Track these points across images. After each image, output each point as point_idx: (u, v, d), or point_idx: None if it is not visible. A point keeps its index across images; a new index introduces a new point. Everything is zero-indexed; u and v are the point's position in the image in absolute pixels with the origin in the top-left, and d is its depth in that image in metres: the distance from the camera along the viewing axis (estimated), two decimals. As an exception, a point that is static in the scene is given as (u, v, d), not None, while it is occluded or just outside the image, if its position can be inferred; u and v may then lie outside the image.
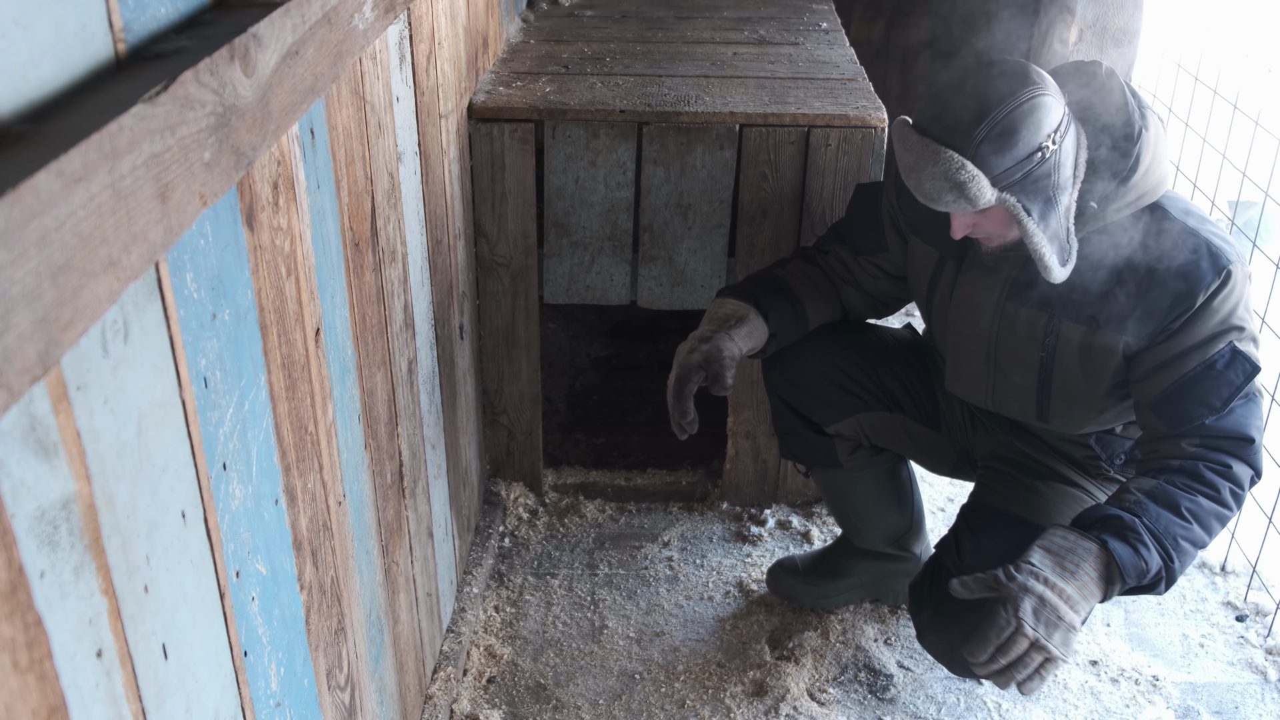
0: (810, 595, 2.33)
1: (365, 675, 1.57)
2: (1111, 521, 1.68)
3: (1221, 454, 1.74)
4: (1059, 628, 1.62)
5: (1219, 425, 1.73)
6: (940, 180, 1.63)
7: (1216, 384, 1.72)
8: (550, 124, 2.29)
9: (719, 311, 1.99)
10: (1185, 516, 1.68)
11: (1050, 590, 1.63)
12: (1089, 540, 1.66)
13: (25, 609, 0.71)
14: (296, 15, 1.10)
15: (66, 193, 0.69)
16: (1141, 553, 1.64)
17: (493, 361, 2.51)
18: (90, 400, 0.80)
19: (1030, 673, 1.64)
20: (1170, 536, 1.66)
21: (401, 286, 1.73)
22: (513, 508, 2.62)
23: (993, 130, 1.61)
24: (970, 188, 1.62)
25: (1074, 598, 1.63)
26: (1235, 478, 1.73)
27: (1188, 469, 1.73)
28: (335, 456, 1.40)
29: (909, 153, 1.66)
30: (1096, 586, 1.64)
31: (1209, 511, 1.71)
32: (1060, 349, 1.83)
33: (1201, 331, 1.72)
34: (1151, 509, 1.68)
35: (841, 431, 2.14)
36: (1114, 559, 1.64)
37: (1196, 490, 1.71)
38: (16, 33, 0.73)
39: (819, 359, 2.11)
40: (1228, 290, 1.71)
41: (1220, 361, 1.72)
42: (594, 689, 2.16)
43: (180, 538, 0.96)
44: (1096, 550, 1.65)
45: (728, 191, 2.34)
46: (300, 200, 1.24)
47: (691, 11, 3.11)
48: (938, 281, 1.96)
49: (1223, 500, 1.72)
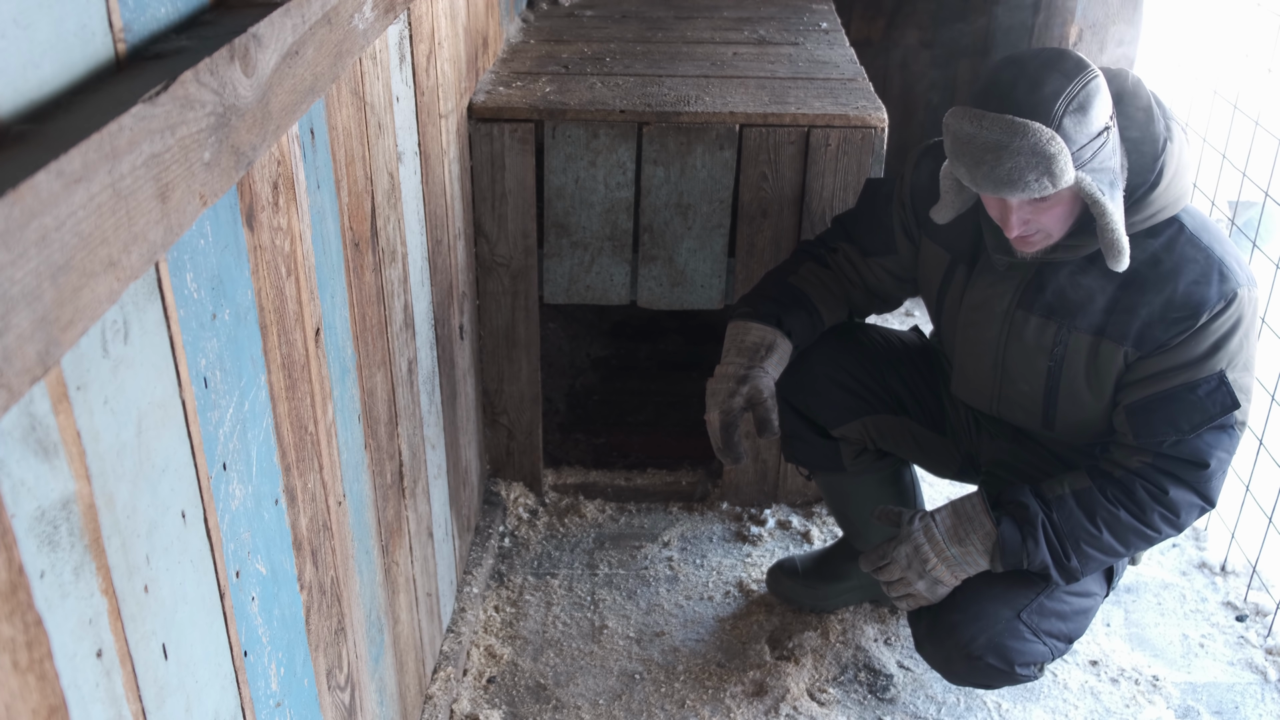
0: (810, 597, 2.33)
1: (365, 675, 1.57)
2: (1019, 507, 1.81)
3: (1165, 477, 1.76)
4: (924, 578, 1.85)
5: (1177, 449, 1.74)
6: (1026, 157, 1.55)
7: (1192, 408, 1.72)
8: (550, 124, 2.29)
9: (745, 340, 1.95)
10: (1097, 525, 1.78)
11: (931, 548, 1.84)
12: (988, 519, 1.81)
13: (25, 609, 0.71)
14: (296, 15, 1.10)
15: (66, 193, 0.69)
16: (1028, 545, 1.79)
17: (493, 361, 2.51)
18: (90, 400, 0.80)
19: (899, 595, 1.89)
20: (1073, 538, 1.78)
21: (401, 286, 1.73)
22: (513, 508, 2.62)
23: (1070, 104, 1.57)
24: (1058, 162, 1.55)
25: (953, 560, 1.83)
26: (1170, 503, 1.76)
27: (1123, 483, 1.78)
28: (335, 456, 1.40)
29: (988, 131, 1.57)
30: (982, 557, 1.82)
31: (1126, 526, 1.78)
32: (1068, 358, 1.82)
33: (1195, 351, 1.71)
34: (1068, 507, 1.79)
35: (847, 435, 2.13)
36: (1001, 540, 1.80)
37: (1120, 504, 1.78)
38: (16, 33, 0.73)
39: (825, 362, 2.09)
40: (1230, 313, 1.69)
41: (1204, 387, 1.71)
42: (594, 689, 2.16)
43: (180, 538, 0.96)
44: (989, 529, 1.81)
45: (728, 191, 2.34)
46: (300, 200, 1.24)
47: (691, 11, 3.11)
48: (949, 285, 1.95)
49: (1147, 521, 1.77)
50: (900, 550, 1.86)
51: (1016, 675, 1.89)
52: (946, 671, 1.94)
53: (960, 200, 1.81)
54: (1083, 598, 1.91)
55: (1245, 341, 1.72)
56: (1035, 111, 1.56)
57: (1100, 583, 1.95)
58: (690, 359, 3.23)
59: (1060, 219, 1.68)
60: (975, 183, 1.63)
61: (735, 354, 1.95)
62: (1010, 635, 1.85)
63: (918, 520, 1.86)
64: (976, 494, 1.85)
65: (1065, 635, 1.90)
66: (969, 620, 1.86)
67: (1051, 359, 1.84)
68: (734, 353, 1.95)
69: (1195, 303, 1.70)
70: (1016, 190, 1.59)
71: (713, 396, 1.93)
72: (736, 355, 1.94)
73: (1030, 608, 1.86)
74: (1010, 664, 1.86)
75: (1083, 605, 1.91)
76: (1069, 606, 1.89)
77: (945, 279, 1.95)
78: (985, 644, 1.85)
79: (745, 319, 1.98)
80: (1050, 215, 1.67)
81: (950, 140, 1.64)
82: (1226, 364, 1.71)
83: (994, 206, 1.71)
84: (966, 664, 1.88)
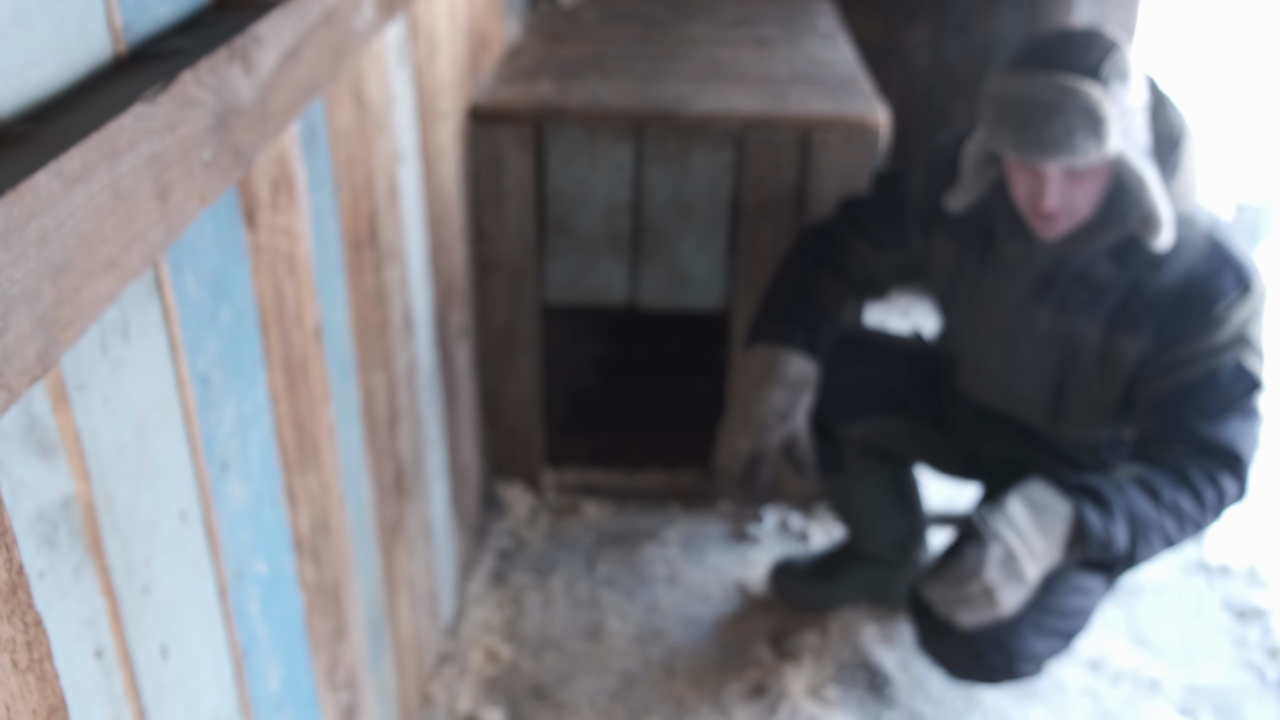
0: (810, 596, 2.33)
1: (365, 675, 1.57)
2: (1090, 491, 1.68)
3: (1210, 461, 1.73)
4: (1016, 580, 1.65)
5: (1210, 435, 1.72)
6: (1076, 116, 1.54)
7: (1216, 394, 1.72)
8: (550, 124, 2.29)
9: (788, 373, 1.88)
10: (1161, 510, 1.68)
11: (1020, 542, 1.64)
12: (1065, 502, 1.66)
13: (25, 609, 0.71)
14: (296, 15, 1.10)
15: (66, 193, 0.69)
16: (1110, 528, 1.64)
17: (493, 361, 2.51)
18: (90, 400, 0.80)
19: (971, 612, 1.67)
20: (1141, 523, 1.67)
21: (401, 286, 1.73)
22: (513, 508, 2.62)
23: (1114, 68, 1.58)
24: (1108, 124, 1.54)
25: (1039, 554, 1.65)
26: (1221, 488, 1.72)
27: (1176, 467, 1.73)
28: (335, 456, 1.40)
29: (1040, 91, 1.55)
30: (1060, 549, 1.66)
31: (1186, 513, 1.71)
32: (1080, 351, 1.82)
33: (1214, 340, 1.72)
34: (1131, 492, 1.69)
35: (850, 435, 2.14)
36: (1085, 525, 1.64)
37: (1180, 489, 1.71)
38: (16, 33, 0.73)
39: (829, 363, 2.09)
40: (1246, 303, 1.71)
41: (1224, 373, 1.71)
42: (594, 689, 2.16)
43: (180, 538, 0.96)
44: (1069, 513, 1.66)
45: (727, 192, 2.34)
46: (300, 200, 1.24)
47: (691, 11, 3.11)
48: (959, 280, 1.95)
49: (1203, 504, 1.71)
50: (991, 555, 1.63)
51: (1018, 672, 1.89)
52: (949, 669, 1.94)
53: (980, 183, 1.80)
54: (1084, 596, 1.91)
55: (1260, 329, 1.73)
56: (1083, 74, 1.56)
57: (1101, 581, 1.94)
58: (690, 359, 3.23)
59: (1091, 196, 1.67)
60: (1020, 147, 1.60)
61: (775, 384, 1.87)
62: (1012, 632, 1.84)
63: (994, 519, 1.66)
64: (1041, 479, 1.71)
65: (1066, 633, 1.90)
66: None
67: (1063, 351, 1.84)
68: (773, 383, 1.88)
69: (1213, 292, 1.70)
70: (1063, 152, 1.57)
71: (746, 424, 1.86)
72: (778, 388, 1.87)
73: (1032, 604, 1.85)
74: (1012, 661, 1.86)
75: (1084, 604, 1.91)
76: (1070, 604, 1.89)
77: (955, 273, 1.95)
78: (987, 641, 1.84)
79: (782, 344, 1.92)
80: (1083, 190, 1.66)
81: (994, 106, 1.62)
82: (1244, 351, 1.71)
83: (1025, 182, 1.68)
84: (968, 661, 1.88)
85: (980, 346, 1.95)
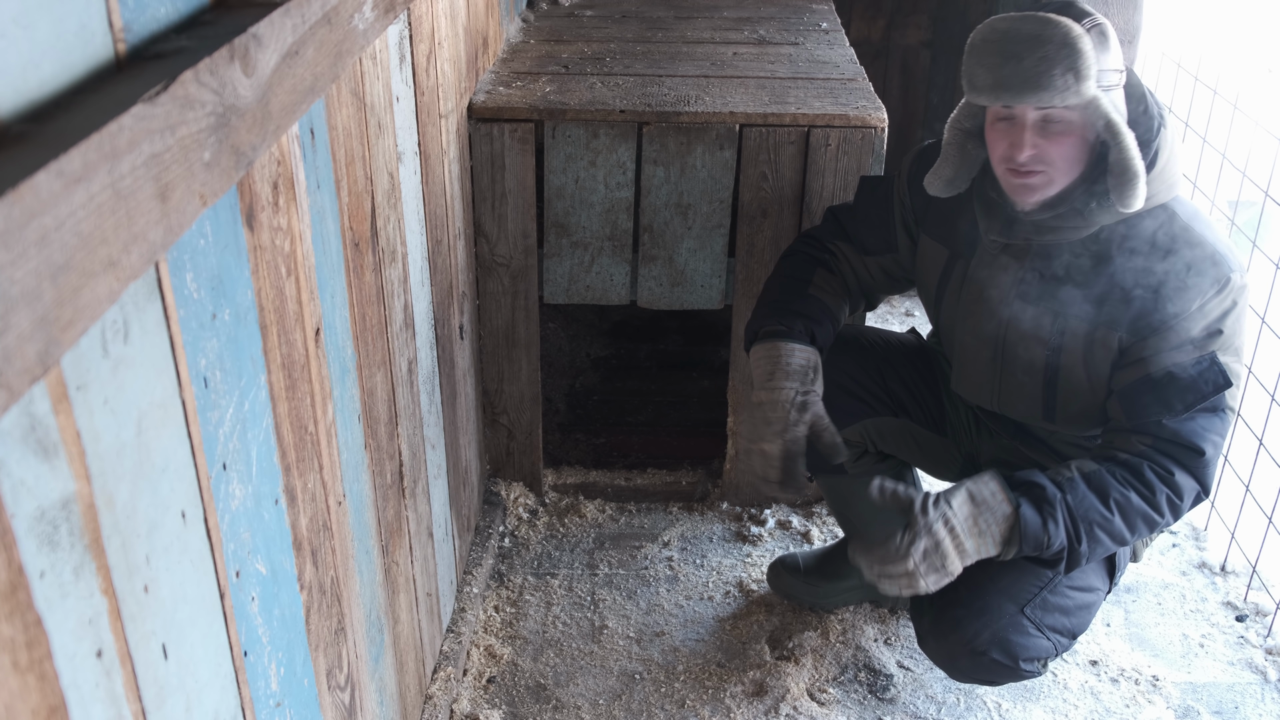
0: (810, 595, 2.33)
1: (365, 675, 1.57)
2: (1035, 489, 1.73)
3: (1168, 459, 1.74)
4: (939, 572, 1.72)
5: (1173, 429, 1.73)
6: (1055, 48, 1.56)
7: (1183, 388, 1.72)
8: (550, 124, 2.29)
9: (791, 363, 1.88)
10: (1110, 507, 1.72)
11: (951, 539, 1.71)
12: (1007, 502, 1.72)
13: (25, 609, 0.71)
14: (296, 15, 1.10)
15: (66, 193, 0.69)
16: (1049, 527, 1.70)
17: (493, 361, 2.51)
18: (90, 400, 0.80)
19: (893, 587, 1.74)
20: (1087, 521, 1.72)
21: (401, 286, 1.73)
22: (513, 508, 2.62)
23: (1095, 25, 1.62)
24: (1086, 59, 1.57)
25: (969, 552, 1.72)
26: (1176, 486, 1.73)
27: (1131, 464, 1.75)
28: (335, 456, 1.40)
29: (1022, 24, 1.59)
30: (995, 546, 1.73)
31: (1136, 510, 1.73)
32: (1066, 348, 1.82)
33: (1187, 333, 1.71)
34: (1080, 489, 1.72)
35: (847, 437, 2.13)
36: (1020, 523, 1.70)
37: (1131, 485, 1.73)
38: (16, 33, 0.73)
39: (826, 366, 2.09)
40: (1223, 297, 1.70)
41: (1195, 367, 1.71)
42: (594, 689, 2.16)
43: (180, 538, 0.96)
44: (1009, 513, 1.71)
45: (728, 191, 2.34)
46: (300, 200, 1.24)
47: (691, 11, 3.11)
48: (947, 280, 1.95)
49: (1155, 504, 1.73)
50: (918, 546, 1.70)
51: (1021, 671, 1.88)
52: (950, 668, 1.93)
53: (961, 158, 1.81)
54: (1086, 593, 1.91)
55: (1238, 326, 1.73)
56: (1066, 14, 1.60)
57: (1103, 578, 1.94)
58: (690, 359, 3.23)
59: (1067, 155, 1.67)
60: (999, 84, 1.61)
61: (784, 377, 1.87)
62: (1015, 630, 1.84)
63: (932, 509, 1.72)
64: (991, 476, 1.75)
65: (1069, 630, 1.90)
66: (973, 615, 1.84)
67: (1049, 349, 1.84)
68: (782, 376, 1.87)
69: (1189, 286, 1.70)
70: (1041, 89, 1.58)
71: (768, 425, 1.85)
72: (786, 379, 1.86)
73: (1034, 602, 1.85)
74: (1015, 659, 1.86)
75: (1086, 600, 1.91)
76: (1072, 601, 1.89)
77: (944, 275, 1.96)
78: (990, 639, 1.84)
79: (782, 339, 1.91)
80: (1059, 146, 1.66)
81: (976, 45, 1.65)
82: (1218, 346, 1.71)
83: (1004, 137, 1.69)
84: (971, 660, 1.87)
85: (971, 347, 1.95)
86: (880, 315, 3.51)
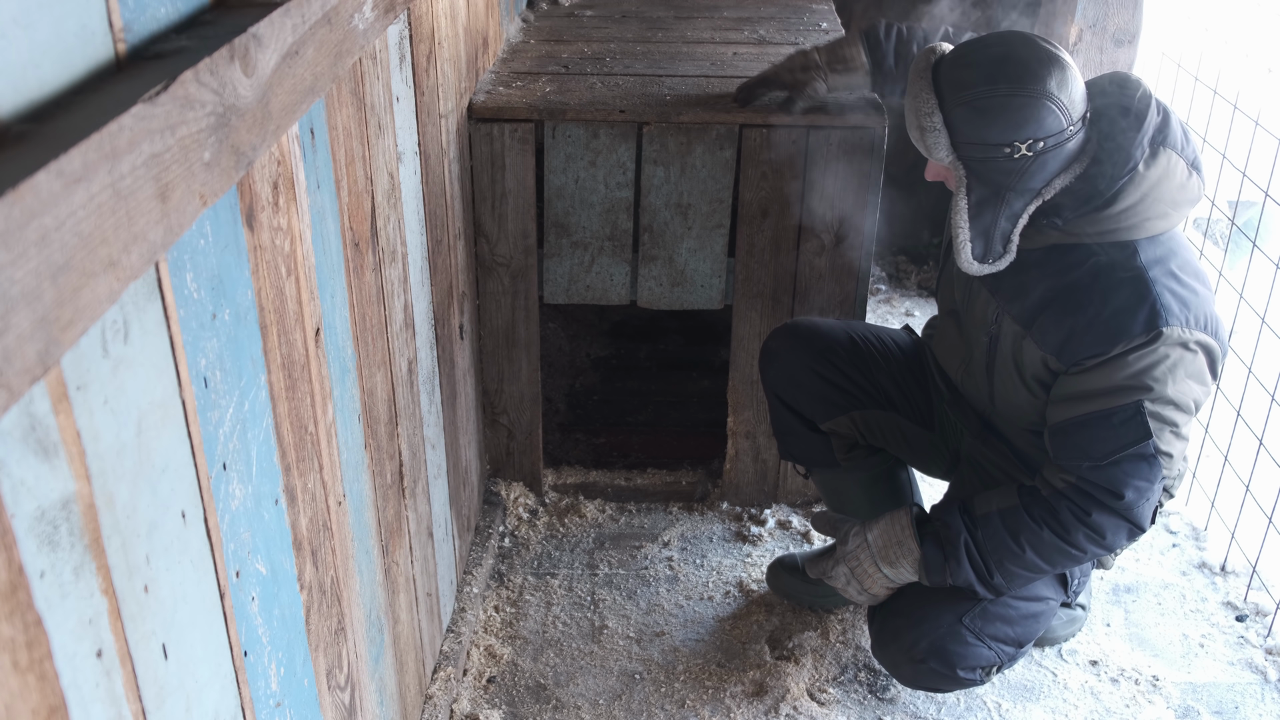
0: (809, 594, 2.33)
1: (365, 675, 1.57)
2: (943, 528, 1.86)
3: (1088, 500, 1.75)
4: (865, 594, 1.96)
5: (1094, 474, 1.74)
6: (912, 115, 1.73)
7: (1104, 436, 1.71)
8: (550, 124, 2.29)
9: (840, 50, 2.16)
10: (1020, 545, 1.79)
11: (871, 564, 1.93)
12: (913, 542, 1.88)
13: (25, 609, 0.71)
14: (296, 15, 1.10)
15: (66, 193, 0.69)
16: (949, 565, 1.84)
17: (493, 361, 2.51)
18: (90, 400, 0.80)
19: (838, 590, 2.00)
20: (997, 556, 1.82)
21: (401, 286, 1.73)
22: (513, 508, 2.62)
23: (976, 103, 1.65)
24: (929, 137, 1.71)
25: (889, 578, 1.92)
26: (1095, 525, 1.76)
27: (1050, 503, 1.79)
28: (335, 456, 1.40)
29: (911, 81, 1.74)
30: (911, 574, 1.90)
31: (1050, 545, 1.79)
32: (1000, 338, 1.87)
33: (1111, 380, 1.70)
34: (993, 525, 1.82)
35: (836, 429, 2.16)
36: (925, 565, 1.86)
37: (1045, 524, 1.78)
38: (16, 33, 0.73)
39: (815, 357, 2.13)
40: (1150, 350, 1.67)
41: (1118, 416, 1.70)
42: (594, 689, 2.16)
43: (180, 538, 0.96)
44: (916, 553, 1.88)
45: (728, 191, 2.34)
46: (300, 200, 1.24)
47: (691, 11, 3.11)
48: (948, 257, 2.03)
49: (1072, 541, 1.78)
50: (838, 570, 1.96)
51: (960, 679, 1.92)
52: (896, 674, 2.01)
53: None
54: (1032, 603, 1.92)
55: (1172, 379, 1.68)
56: (944, 87, 1.70)
57: (1055, 589, 1.96)
58: (690, 359, 3.23)
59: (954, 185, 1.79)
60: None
61: (826, 50, 2.17)
62: (952, 639, 1.87)
63: (852, 540, 1.95)
64: (905, 512, 1.92)
65: (1014, 639, 1.91)
66: (912, 625, 1.91)
67: (987, 334, 1.89)
68: (825, 49, 2.17)
69: (1115, 330, 1.68)
70: (917, 140, 1.75)
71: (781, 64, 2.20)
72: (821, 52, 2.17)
73: (973, 612, 1.89)
74: (952, 667, 1.89)
75: (1033, 610, 1.92)
76: (1016, 611, 1.91)
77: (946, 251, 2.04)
78: (927, 648, 1.88)
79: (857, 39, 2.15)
80: (949, 179, 1.78)
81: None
82: (1146, 396, 1.68)
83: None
84: (911, 667, 1.94)
85: (949, 316, 2.04)
86: (880, 315, 3.51)
